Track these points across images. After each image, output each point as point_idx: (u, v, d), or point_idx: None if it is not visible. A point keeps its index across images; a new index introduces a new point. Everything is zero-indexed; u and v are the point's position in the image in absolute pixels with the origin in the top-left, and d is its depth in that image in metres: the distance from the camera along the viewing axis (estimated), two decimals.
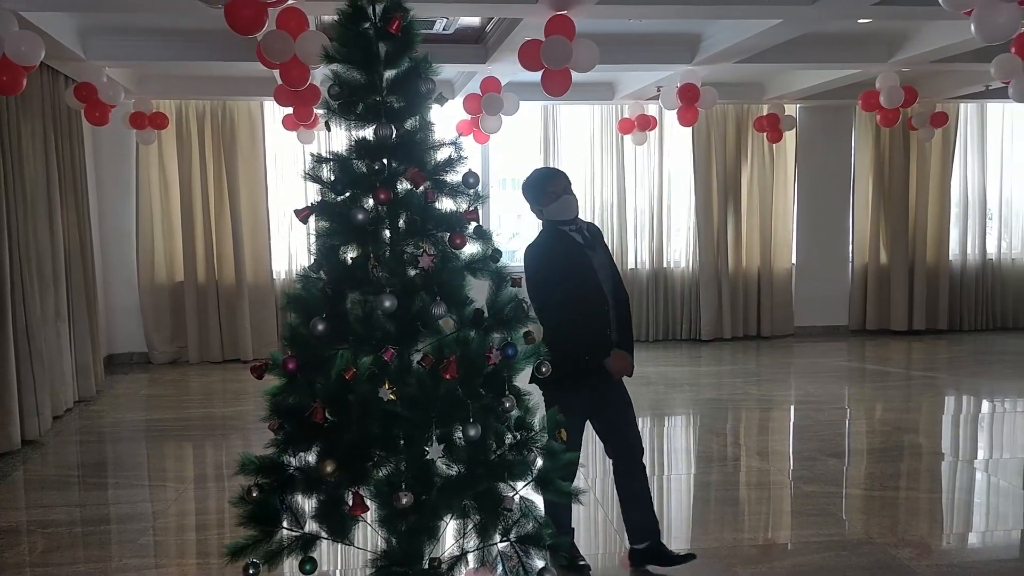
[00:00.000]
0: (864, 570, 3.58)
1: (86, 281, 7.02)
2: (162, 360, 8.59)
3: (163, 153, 8.44)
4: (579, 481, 3.46)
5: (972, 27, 3.70)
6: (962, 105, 9.63)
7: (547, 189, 3.37)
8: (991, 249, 10.07)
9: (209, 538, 4.19)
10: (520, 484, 2.63)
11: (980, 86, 8.14)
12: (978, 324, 10.00)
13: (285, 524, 2.62)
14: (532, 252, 3.39)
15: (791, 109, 9.28)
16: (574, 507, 3.47)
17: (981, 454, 5.69)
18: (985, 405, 6.94)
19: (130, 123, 7.43)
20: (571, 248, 3.35)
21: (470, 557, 2.63)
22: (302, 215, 2.59)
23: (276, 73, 5.31)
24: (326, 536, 2.64)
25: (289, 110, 6.49)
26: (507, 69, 6.56)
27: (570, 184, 3.41)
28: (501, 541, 2.58)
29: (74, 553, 3.93)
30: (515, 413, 2.62)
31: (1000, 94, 7.88)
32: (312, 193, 2.69)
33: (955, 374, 8.03)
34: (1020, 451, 5.65)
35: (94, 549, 4.03)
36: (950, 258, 9.92)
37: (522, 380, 2.65)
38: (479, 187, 2.62)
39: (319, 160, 2.63)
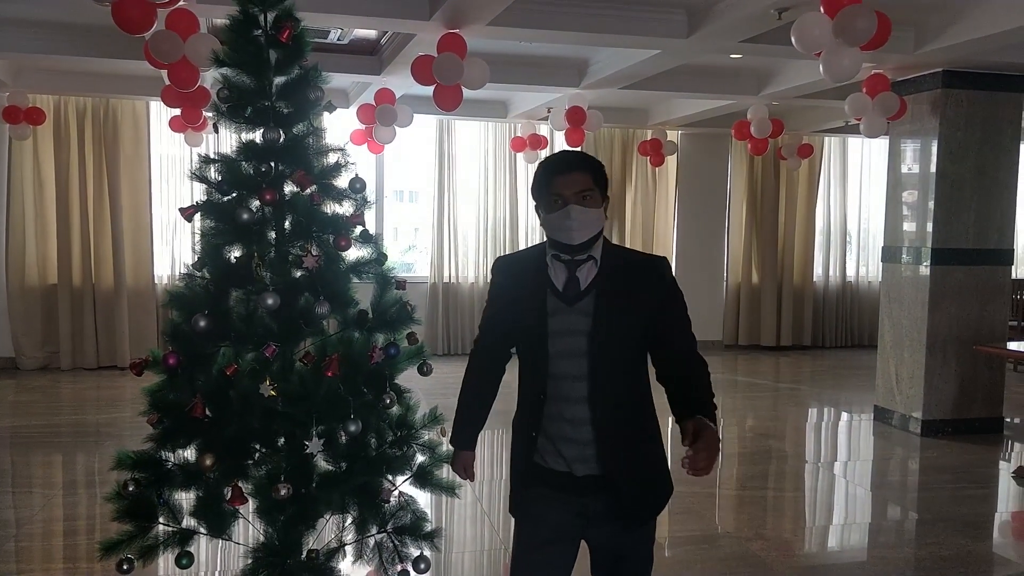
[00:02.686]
0: (719, 561, 3.87)
1: None
2: (31, 366, 8.18)
3: (39, 150, 8.08)
4: None
5: (821, 68, 4.11)
6: (827, 138, 10.41)
7: (547, 189, 2.08)
8: (850, 272, 10.88)
9: (79, 543, 4.08)
10: (400, 479, 2.75)
11: (841, 121, 8.85)
12: (838, 341, 10.78)
13: (162, 519, 2.63)
14: (495, 265, 2.28)
15: (673, 135, 9.80)
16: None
17: (835, 458, 6.18)
18: (842, 415, 7.52)
19: (3, 117, 7.10)
20: (533, 286, 2.11)
21: (348, 549, 2.72)
22: (187, 213, 2.64)
23: (164, 73, 5.25)
24: (204, 532, 2.67)
25: (177, 111, 6.38)
26: (401, 82, 6.68)
27: (591, 192, 2.05)
28: (378, 533, 2.69)
29: None
30: (396, 410, 2.74)
31: (858, 129, 8.60)
32: (199, 195, 2.73)
33: (817, 386, 8.65)
34: (869, 456, 6.17)
35: None
36: (814, 280, 10.66)
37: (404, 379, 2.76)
38: (365, 192, 2.73)
39: (206, 160, 2.68)
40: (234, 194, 2.62)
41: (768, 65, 6.94)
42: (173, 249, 8.63)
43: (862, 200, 10.85)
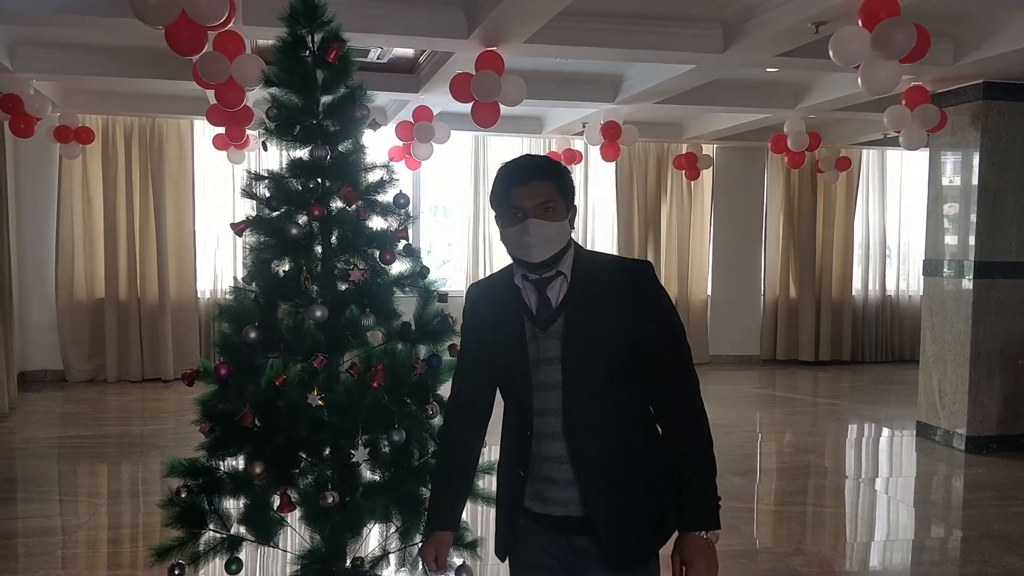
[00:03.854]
0: None
1: (2, 296, 6.87)
2: (78, 378, 8.39)
3: (87, 168, 8.33)
4: None
5: (859, 81, 4.11)
6: (864, 151, 10.32)
7: (505, 201, 1.89)
8: (890, 286, 10.74)
9: (127, 551, 4.19)
10: None
11: (879, 134, 8.77)
12: (878, 356, 10.62)
13: (212, 526, 2.71)
14: (467, 295, 2.09)
15: (708, 148, 9.79)
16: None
17: (876, 474, 6.10)
18: (883, 431, 7.42)
19: (54, 137, 7.34)
20: (508, 311, 1.92)
21: (392, 557, 2.77)
22: (238, 228, 2.72)
23: (209, 93, 5.40)
24: (252, 539, 2.74)
25: (221, 130, 6.55)
26: (439, 99, 6.78)
27: (553, 204, 1.85)
28: (421, 541, 2.73)
29: (1, 564, 3.89)
30: (438, 421, 2.79)
31: (897, 142, 8.52)
32: (245, 210, 2.81)
33: (857, 401, 8.54)
34: (911, 472, 6.08)
35: (9, 562, 3.97)
36: (853, 293, 10.53)
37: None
38: (409, 207, 2.80)
39: (255, 177, 2.77)
40: (283, 210, 2.70)
41: (804, 78, 6.92)
42: (215, 265, 8.82)
43: (902, 213, 10.71)
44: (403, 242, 2.75)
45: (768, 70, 6.23)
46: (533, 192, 1.85)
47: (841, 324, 10.46)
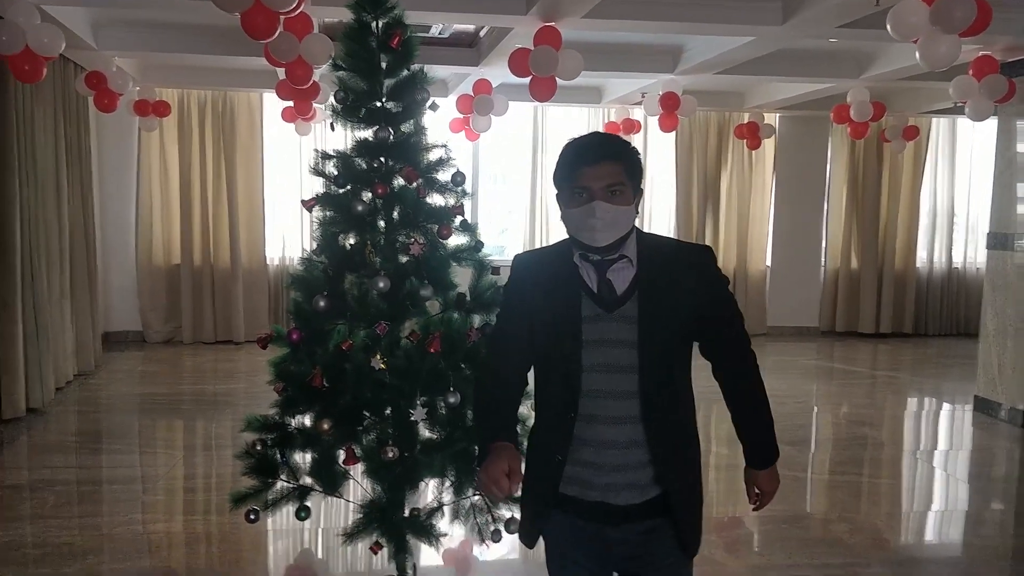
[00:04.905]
0: (803, 541, 3.96)
1: (88, 261, 7.32)
2: (156, 339, 8.89)
3: (164, 140, 8.74)
4: None
5: (917, 55, 4.09)
6: (934, 119, 10.04)
7: (570, 180, 1.85)
8: (957, 258, 10.49)
9: (201, 500, 4.54)
10: None
11: (950, 102, 8.53)
12: (942, 329, 10.43)
13: (283, 477, 2.97)
14: (513, 264, 2.00)
15: (770, 118, 9.66)
16: None
17: (932, 447, 6.10)
18: (941, 404, 7.36)
19: (134, 110, 7.71)
20: (564, 288, 1.86)
21: (446, 509, 2.99)
22: (308, 204, 2.93)
23: (279, 70, 5.64)
24: (319, 489, 2.99)
25: (289, 103, 6.80)
26: (498, 72, 6.89)
27: (621, 187, 1.80)
28: (474, 495, 2.94)
29: (83, 508, 4.27)
30: None
31: None
32: (311, 183, 3.02)
33: (917, 375, 8.46)
34: (967, 446, 6.06)
35: (101, 505, 4.36)
36: (917, 265, 10.34)
37: None
38: (465, 185, 2.97)
39: (324, 156, 2.97)
40: (349, 187, 2.90)
41: (868, 48, 6.80)
42: (283, 233, 9.17)
43: (972, 183, 10.41)
44: (459, 218, 2.93)
45: (830, 40, 6.16)
46: (600, 173, 1.79)
47: (904, 296, 10.29)
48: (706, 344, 1.96)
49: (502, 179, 10.43)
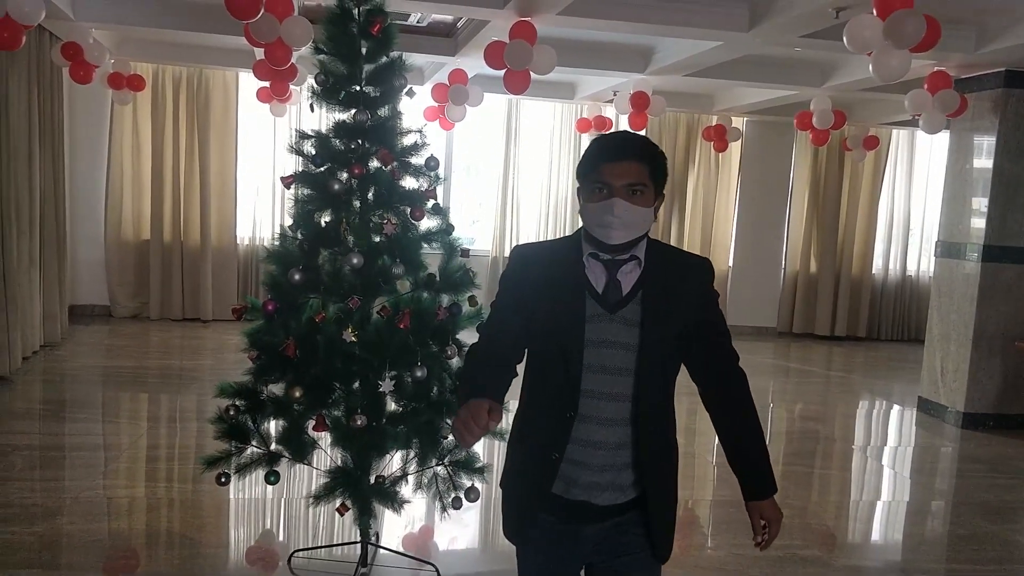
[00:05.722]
0: (745, 524, 4.16)
1: (58, 232, 7.32)
2: (123, 314, 8.89)
3: (138, 114, 8.72)
4: None
5: (871, 67, 4.32)
6: (894, 131, 10.38)
7: (592, 174, 1.81)
8: (911, 267, 10.86)
9: (163, 468, 4.63)
10: None
11: (909, 115, 8.85)
12: (894, 334, 10.81)
13: (254, 443, 3.09)
14: (514, 254, 1.94)
15: (738, 121, 9.93)
16: None
17: (871, 442, 6.38)
18: (887, 405, 7.67)
19: (108, 83, 7.69)
20: (567, 285, 1.84)
21: (410, 478, 3.14)
22: (287, 181, 3.06)
23: (257, 50, 5.71)
24: (288, 456, 3.12)
25: (266, 84, 6.86)
26: (474, 63, 7.02)
27: (643, 188, 1.79)
28: (436, 465, 3.10)
29: (50, 472, 4.35)
30: (456, 361, 3.13)
31: None
32: (284, 164, 3.14)
33: (868, 377, 8.78)
34: (908, 443, 6.36)
35: (56, 470, 4.43)
36: (873, 272, 10.69)
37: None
38: (439, 170, 3.12)
39: (303, 136, 3.10)
40: (326, 167, 3.03)
41: (830, 58, 7.05)
42: (254, 212, 9.20)
43: (928, 195, 10.78)
44: (432, 201, 3.08)
45: (795, 49, 6.39)
46: (623, 171, 1.77)
47: (859, 301, 10.64)
48: (698, 360, 1.91)
49: (475, 171, 10.57)
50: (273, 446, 3.11)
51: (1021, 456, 5.89)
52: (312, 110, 3.15)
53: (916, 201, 10.79)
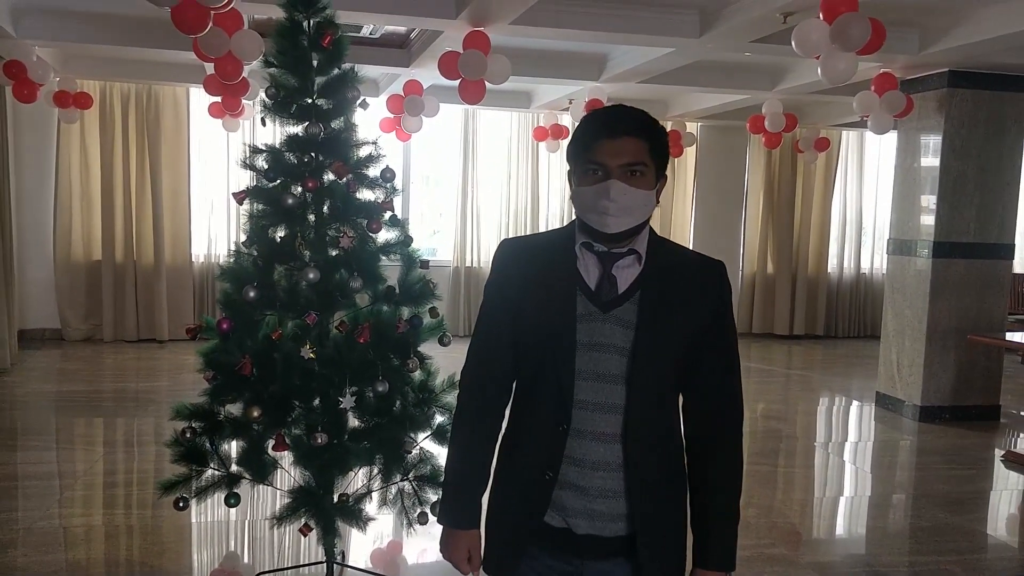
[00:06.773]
0: None
1: (4, 255, 7.12)
2: (76, 337, 8.66)
3: (85, 133, 8.53)
4: None
5: (819, 71, 4.39)
6: (844, 132, 10.60)
7: (585, 154, 1.59)
8: (864, 264, 11.08)
9: (122, 495, 4.50)
10: (421, 435, 3.11)
11: (858, 116, 9.03)
12: (851, 331, 11.00)
13: (212, 465, 3.02)
14: (498, 250, 1.74)
15: (692, 127, 10.05)
16: None
17: (832, 438, 6.47)
18: (846, 401, 7.80)
19: (54, 101, 7.52)
20: (557, 280, 1.63)
21: (375, 495, 3.09)
22: (239, 197, 3.00)
23: (206, 65, 5.62)
24: (248, 477, 3.05)
25: (217, 99, 6.76)
26: (429, 74, 7.00)
27: (642, 168, 1.56)
28: (401, 481, 3.05)
29: (3, 503, 4.20)
30: (418, 375, 3.10)
31: None
32: (238, 180, 3.09)
33: (826, 374, 8.92)
34: (868, 438, 6.46)
35: (9, 501, 4.28)
36: (828, 271, 10.88)
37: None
38: (395, 181, 3.09)
39: (255, 151, 3.05)
40: (279, 181, 2.99)
41: (780, 62, 7.17)
42: (209, 230, 9.05)
43: (879, 193, 11.01)
44: (389, 213, 3.04)
45: (745, 54, 6.49)
46: (620, 149, 1.54)
47: (816, 300, 10.81)
48: (690, 385, 1.67)
49: (434, 182, 10.53)
50: (233, 468, 3.04)
51: (977, 447, 6.02)
52: (264, 124, 3.10)
53: (867, 200, 11.02)
